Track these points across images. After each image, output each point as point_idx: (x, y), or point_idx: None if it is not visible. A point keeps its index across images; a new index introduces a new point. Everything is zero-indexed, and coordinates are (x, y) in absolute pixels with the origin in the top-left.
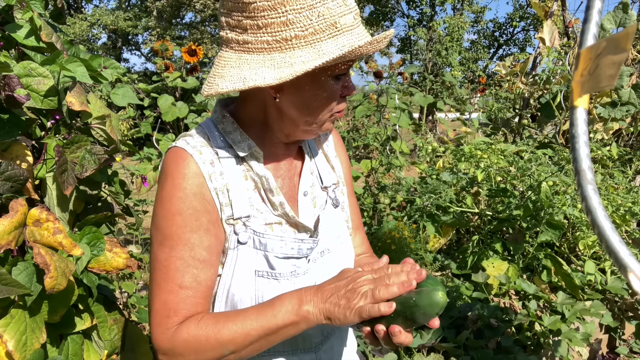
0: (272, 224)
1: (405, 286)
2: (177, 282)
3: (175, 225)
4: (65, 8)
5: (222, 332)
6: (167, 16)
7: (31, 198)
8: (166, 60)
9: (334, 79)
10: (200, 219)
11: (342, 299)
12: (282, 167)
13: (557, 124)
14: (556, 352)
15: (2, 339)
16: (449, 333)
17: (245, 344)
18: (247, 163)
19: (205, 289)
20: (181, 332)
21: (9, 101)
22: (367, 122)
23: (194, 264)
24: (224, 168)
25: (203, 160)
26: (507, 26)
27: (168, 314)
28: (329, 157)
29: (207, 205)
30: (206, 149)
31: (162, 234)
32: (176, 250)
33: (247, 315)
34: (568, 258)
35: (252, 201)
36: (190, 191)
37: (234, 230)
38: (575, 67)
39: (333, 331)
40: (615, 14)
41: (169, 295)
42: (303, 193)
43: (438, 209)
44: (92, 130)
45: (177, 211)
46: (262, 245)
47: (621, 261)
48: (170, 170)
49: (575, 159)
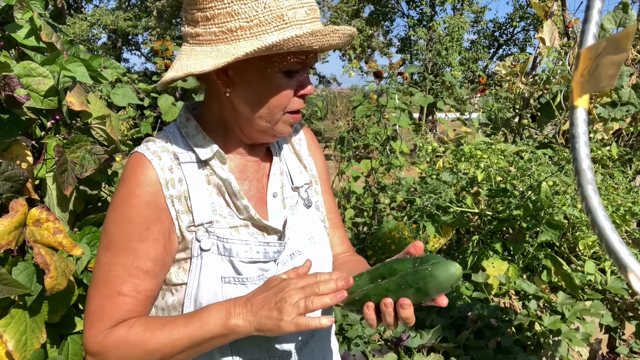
0: (237, 227)
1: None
2: (115, 289)
3: (124, 233)
4: (65, 8)
5: (149, 342)
6: (167, 16)
7: (31, 198)
8: (166, 60)
9: (285, 75)
10: (150, 229)
11: (274, 310)
12: (249, 169)
13: (557, 124)
14: (556, 352)
15: (2, 339)
16: (449, 333)
17: (172, 354)
18: (210, 167)
19: (144, 298)
20: (112, 336)
21: (9, 101)
22: (367, 122)
23: (136, 274)
24: (184, 173)
25: (162, 166)
26: (507, 26)
27: (102, 317)
28: (301, 157)
29: (160, 214)
30: (166, 154)
31: (109, 239)
32: (120, 257)
33: (176, 324)
34: (568, 258)
35: (215, 206)
36: (144, 199)
37: (196, 238)
38: (575, 67)
39: (312, 335)
40: (615, 14)
41: (106, 299)
42: (272, 194)
43: (438, 209)
44: (92, 130)
45: (128, 219)
46: (226, 250)
47: (621, 261)
48: (127, 175)
49: (575, 159)
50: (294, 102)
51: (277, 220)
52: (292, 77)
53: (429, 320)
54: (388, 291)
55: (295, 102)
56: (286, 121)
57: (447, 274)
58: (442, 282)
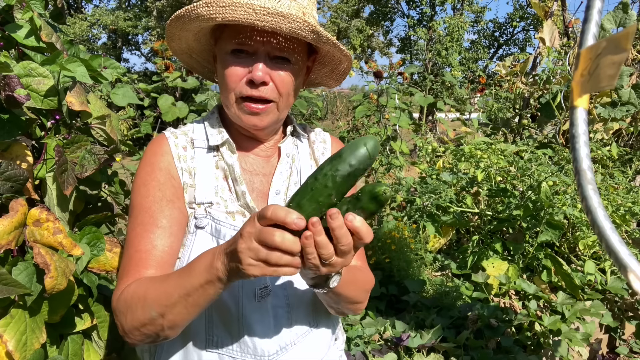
0: (233, 212)
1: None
2: (135, 247)
3: (140, 196)
4: (65, 8)
5: (148, 293)
6: (167, 16)
7: (31, 198)
8: (166, 60)
9: (232, 55)
10: (163, 191)
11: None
12: (257, 164)
13: (557, 124)
14: (556, 352)
15: (2, 339)
16: (449, 333)
17: (168, 305)
18: (220, 153)
19: (160, 254)
20: (125, 291)
21: (9, 101)
22: (367, 122)
23: (151, 230)
24: (196, 155)
25: (176, 143)
26: (507, 26)
27: (122, 276)
28: (319, 163)
29: (172, 181)
30: (183, 136)
31: (132, 205)
32: (138, 218)
33: (171, 276)
34: (568, 258)
35: (218, 189)
36: (157, 166)
37: (194, 215)
38: (575, 67)
39: (293, 343)
40: (615, 14)
41: (127, 259)
42: (275, 192)
43: (438, 209)
44: (92, 130)
45: (142, 183)
46: (217, 232)
47: (621, 261)
48: (147, 150)
49: (575, 159)
50: (242, 86)
51: None
52: (240, 59)
53: (429, 320)
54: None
55: (243, 87)
56: (241, 108)
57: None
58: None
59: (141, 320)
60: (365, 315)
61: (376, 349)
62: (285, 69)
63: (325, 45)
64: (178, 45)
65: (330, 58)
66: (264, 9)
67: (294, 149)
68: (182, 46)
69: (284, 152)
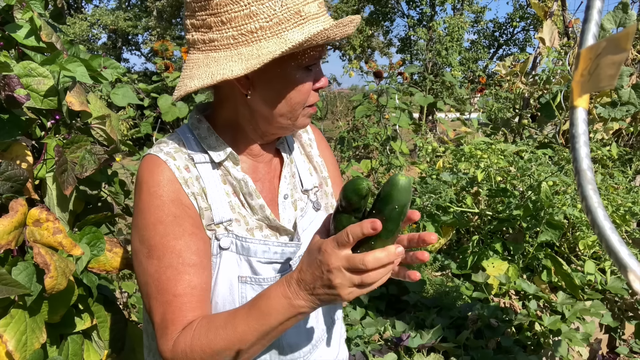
0: (252, 229)
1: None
2: (171, 292)
3: (158, 235)
4: (65, 8)
5: (214, 342)
6: (167, 16)
7: (31, 198)
8: (166, 60)
9: (304, 71)
10: (183, 225)
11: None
12: (261, 170)
13: (557, 124)
14: (556, 352)
15: (2, 339)
16: (449, 333)
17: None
18: (224, 168)
19: (200, 292)
20: (180, 343)
21: (9, 101)
22: (367, 122)
23: (185, 270)
24: (200, 173)
25: (177, 165)
26: (507, 26)
27: (167, 325)
28: (312, 158)
29: (187, 211)
30: (180, 154)
31: (147, 246)
32: (165, 260)
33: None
34: (568, 258)
35: (233, 204)
36: (167, 198)
37: (215, 236)
38: (575, 67)
39: (321, 339)
40: (615, 14)
41: (166, 306)
42: (283, 196)
43: (438, 209)
44: (92, 130)
45: (157, 220)
46: (244, 249)
47: (621, 261)
48: (144, 178)
49: (575, 159)
50: (312, 95)
51: (288, 222)
52: (310, 72)
53: (429, 320)
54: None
55: (313, 96)
56: (306, 114)
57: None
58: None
59: None
60: (365, 315)
61: (376, 349)
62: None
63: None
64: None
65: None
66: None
67: (287, 148)
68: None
69: (284, 154)
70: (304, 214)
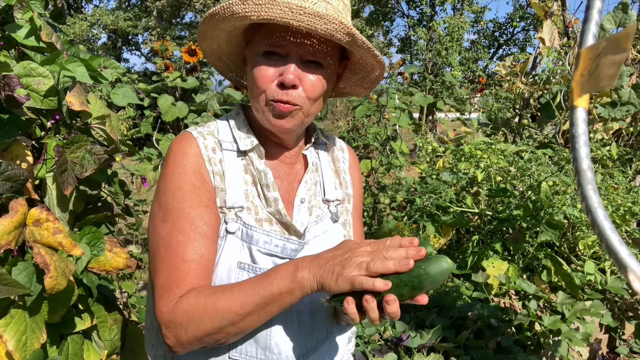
0: (261, 220)
1: (402, 265)
2: (179, 256)
3: (176, 200)
4: (65, 8)
5: (219, 301)
6: (167, 16)
7: (31, 198)
8: (166, 60)
9: (263, 57)
10: (200, 196)
11: (337, 266)
12: (281, 170)
13: (557, 124)
14: (556, 352)
15: (2, 339)
16: (449, 333)
17: (242, 314)
18: (249, 158)
19: (207, 262)
20: (181, 303)
21: (9, 101)
22: (367, 122)
23: (195, 238)
24: (224, 157)
25: (205, 144)
26: (507, 26)
27: (171, 287)
28: (339, 174)
29: (205, 185)
30: (211, 137)
31: (164, 210)
32: (178, 224)
33: (244, 284)
34: (568, 258)
35: (248, 193)
36: (190, 168)
37: (225, 220)
38: (575, 67)
39: (315, 348)
40: (615, 14)
41: (173, 269)
42: (300, 200)
43: (438, 209)
44: (92, 130)
45: (177, 186)
46: (248, 237)
47: (621, 261)
48: (174, 149)
49: (575, 159)
50: (273, 89)
51: (300, 225)
52: (271, 61)
53: (429, 320)
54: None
55: (274, 90)
56: (272, 110)
57: (440, 270)
58: (436, 278)
59: (208, 330)
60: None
61: (376, 349)
62: (316, 73)
63: (359, 49)
64: (209, 45)
65: (362, 65)
66: (300, 8)
67: (316, 156)
68: (212, 47)
69: (310, 160)
70: (318, 221)
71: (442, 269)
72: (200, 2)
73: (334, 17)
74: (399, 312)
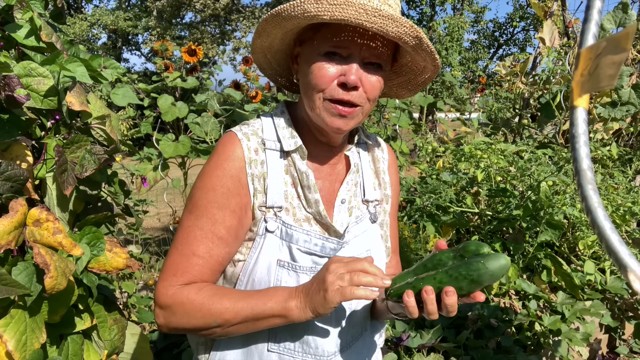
0: (300, 220)
1: (379, 282)
2: (192, 249)
3: (206, 199)
4: (65, 8)
5: (214, 305)
6: (167, 16)
7: (31, 198)
8: (166, 60)
9: (324, 57)
10: (230, 200)
11: (320, 283)
12: (323, 171)
13: (557, 124)
14: (556, 352)
15: (2, 339)
16: (449, 333)
17: (232, 322)
18: (291, 158)
19: (215, 262)
20: (182, 293)
21: (9, 101)
22: (367, 122)
23: (211, 238)
24: (267, 158)
25: (249, 146)
26: (507, 26)
27: (175, 272)
28: (379, 174)
29: (240, 190)
30: (255, 137)
31: (193, 203)
32: (200, 221)
33: (242, 296)
34: (568, 258)
35: (287, 194)
36: (229, 172)
37: (264, 218)
38: (575, 67)
39: (350, 344)
40: (615, 14)
41: (182, 257)
42: (340, 200)
43: (438, 209)
44: (92, 130)
45: (211, 187)
46: (288, 236)
47: (621, 261)
48: (218, 150)
49: (575, 159)
50: (333, 88)
51: (340, 225)
52: (332, 60)
53: (428, 320)
54: (442, 283)
55: (334, 89)
56: (328, 110)
57: (499, 265)
58: (495, 273)
59: (197, 326)
60: None
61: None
62: (376, 74)
63: (422, 52)
64: (262, 42)
65: (409, 68)
66: (375, 10)
67: (357, 157)
68: (264, 44)
69: (352, 161)
70: (358, 222)
71: (500, 265)
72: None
73: (405, 20)
74: (456, 305)
